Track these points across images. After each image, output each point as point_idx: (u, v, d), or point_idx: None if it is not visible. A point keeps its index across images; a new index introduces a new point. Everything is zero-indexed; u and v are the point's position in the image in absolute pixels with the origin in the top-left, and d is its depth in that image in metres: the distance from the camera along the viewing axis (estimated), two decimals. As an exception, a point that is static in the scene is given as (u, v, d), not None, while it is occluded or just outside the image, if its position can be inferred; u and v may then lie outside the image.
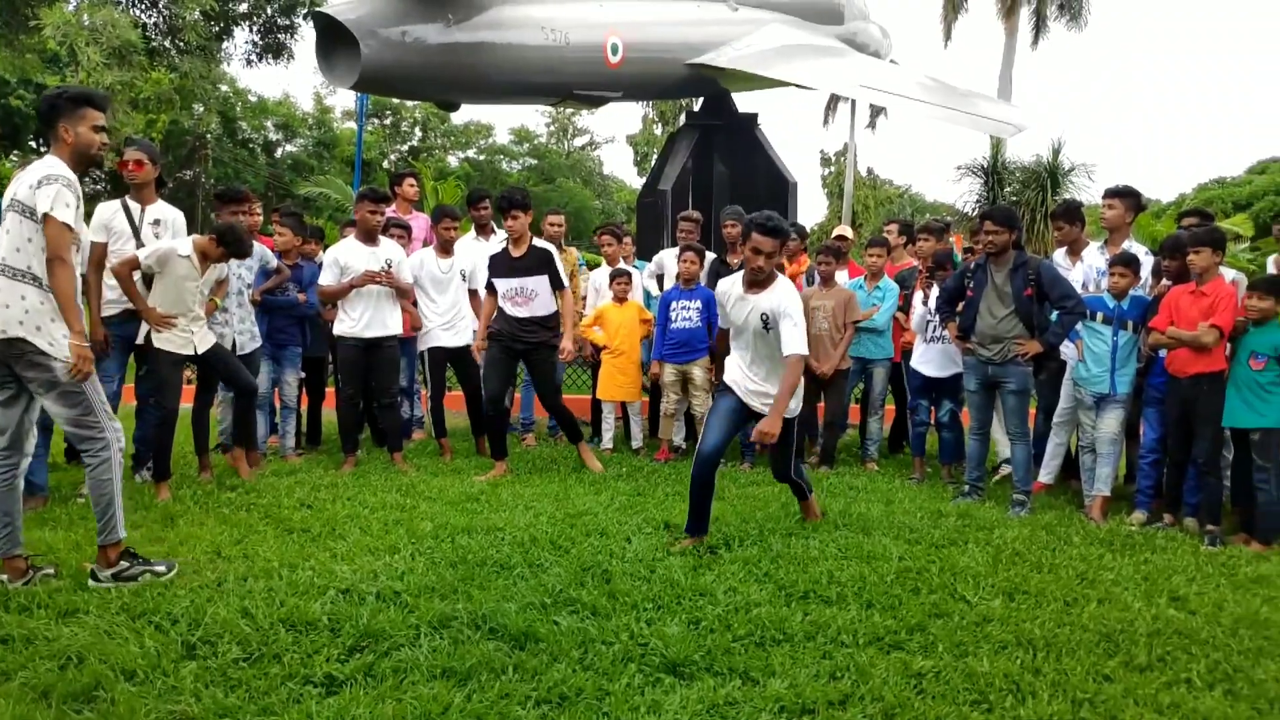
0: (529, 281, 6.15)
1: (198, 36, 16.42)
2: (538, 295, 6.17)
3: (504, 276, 6.21)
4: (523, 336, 6.22)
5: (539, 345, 6.25)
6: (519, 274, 6.15)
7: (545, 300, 6.21)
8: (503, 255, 6.27)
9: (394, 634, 3.31)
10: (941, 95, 11.39)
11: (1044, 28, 24.51)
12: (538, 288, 6.16)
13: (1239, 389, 5.16)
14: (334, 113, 33.11)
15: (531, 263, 6.16)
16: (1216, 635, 3.64)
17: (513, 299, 6.19)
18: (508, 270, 6.19)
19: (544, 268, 6.17)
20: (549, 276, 6.18)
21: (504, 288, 6.22)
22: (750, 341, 4.72)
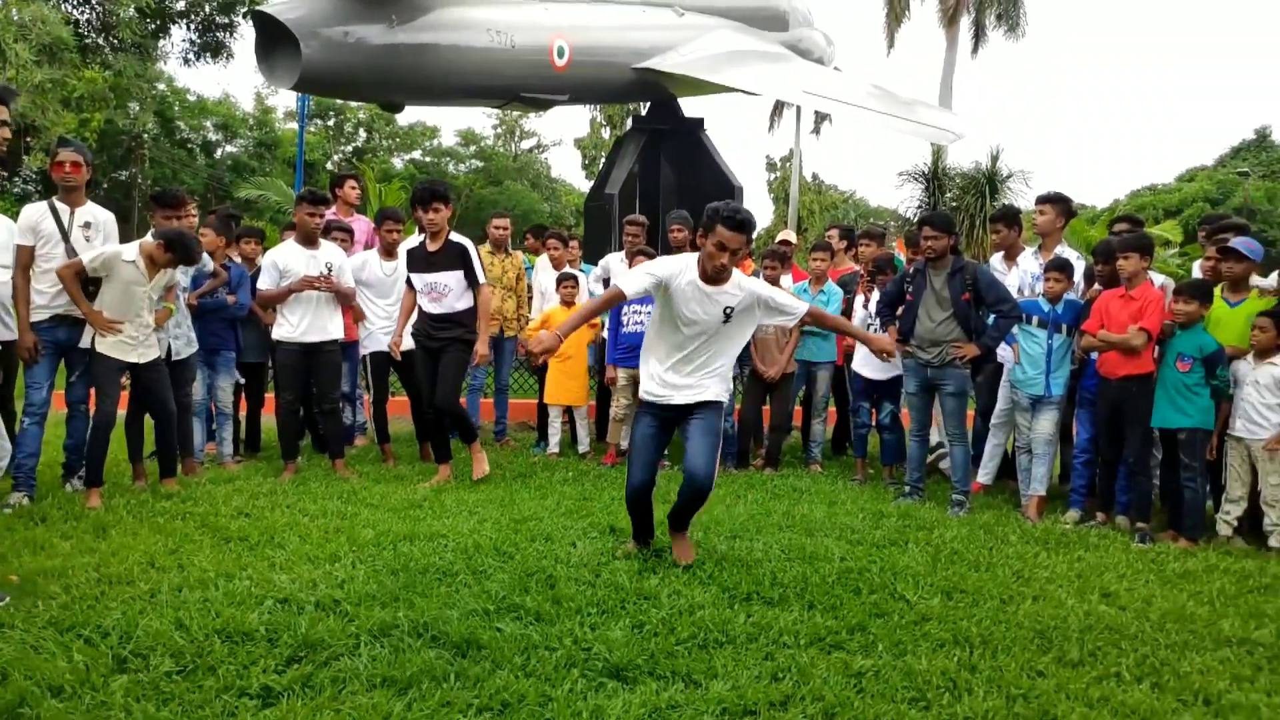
0: (443, 277, 5.95)
1: (132, 34, 16.04)
2: (451, 291, 5.96)
3: (420, 272, 6.01)
4: (436, 334, 6.03)
5: (452, 341, 6.02)
6: (434, 269, 5.95)
7: (459, 297, 6.00)
8: (419, 250, 6.05)
9: (333, 643, 3.26)
10: (884, 102, 11.58)
11: (983, 37, 25.05)
12: (451, 283, 5.96)
13: (1166, 390, 5.32)
14: (276, 113, 32.57)
15: (447, 258, 5.94)
16: (1145, 630, 3.75)
17: (428, 294, 6.00)
18: (424, 265, 5.99)
19: (459, 263, 5.95)
20: (464, 272, 5.96)
21: (420, 283, 6.03)
22: (690, 338, 4.21)
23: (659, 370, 4.32)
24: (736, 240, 4.03)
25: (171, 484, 5.62)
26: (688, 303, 4.15)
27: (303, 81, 8.45)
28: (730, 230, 4.00)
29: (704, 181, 12.23)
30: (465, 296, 6.02)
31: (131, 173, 27.49)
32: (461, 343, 6.03)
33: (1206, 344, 5.24)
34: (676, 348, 4.26)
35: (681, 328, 4.20)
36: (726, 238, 4.02)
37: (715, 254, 4.05)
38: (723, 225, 4.01)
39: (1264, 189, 36.10)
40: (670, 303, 4.18)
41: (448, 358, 6.02)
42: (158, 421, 5.67)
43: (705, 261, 4.08)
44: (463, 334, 6.02)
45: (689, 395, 4.29)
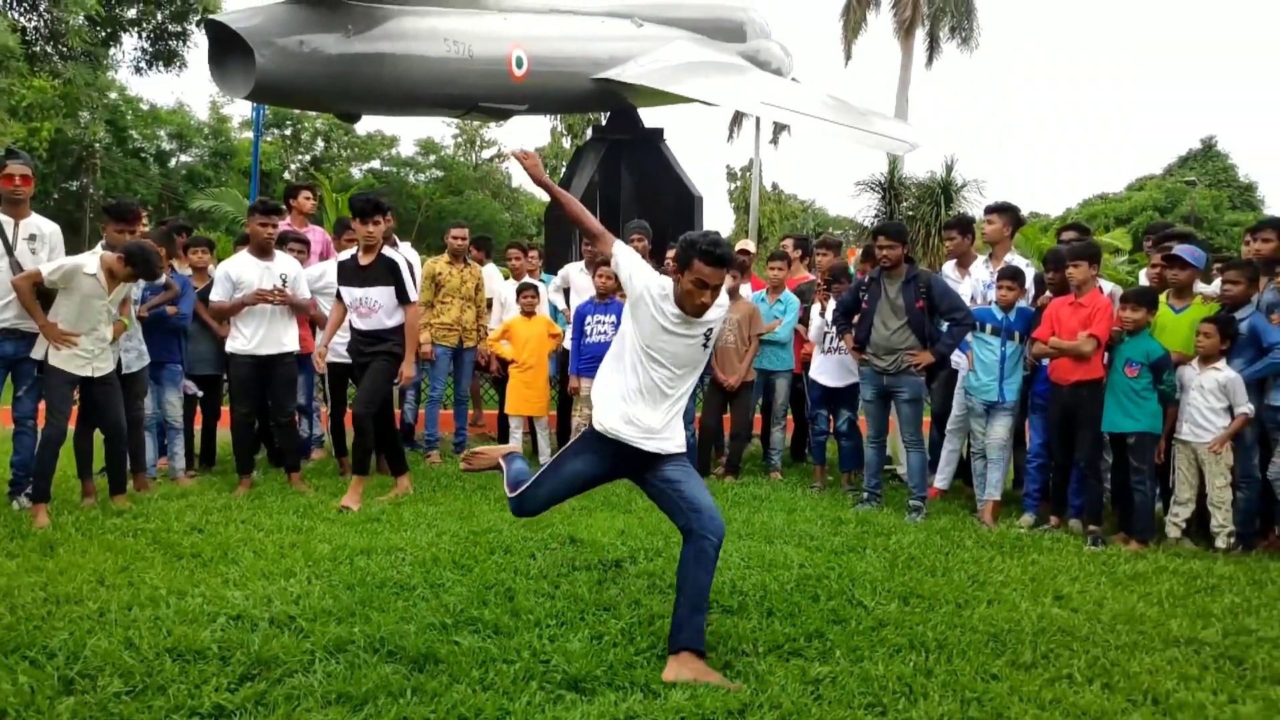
0: (373, 292, 5.77)
1: (82, 42, 15.75)
2: (381, 307, 5.78)
3: (351, 286, 5.84)
4: (365, 350, 5.86)
5: (377, 354, 5.84)
6: (365, 284, 5.78)
7: (389, 313, 5.81)
8: (351, 263, 5.86)
9: (287, 660, 3.21)
10: (841, 113, 11.72)
11: (938, 49, 25.46)
12: (381, 299, 5.77)
13: (1115, 395, 5.44)
14: (232, 122, 32.16)
15: (377, 273, 5.76)
16: (1096, 631, 3.82)
17: (357, 309, 5.82)
18: (355, 279, 5.82)
19: (389, 278, 5.77)
20: (394, 288, 5.78)
21: (350, 298, 5.85)
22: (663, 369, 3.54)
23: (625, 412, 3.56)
24: (718, 277, 3.37)
25: (122, 500, 5.51)
26: (666, 335, 3.48)
27: (257, 91, 8.35)
28: (710, 266, 3.32)
29: (664, 191, 12.29)
30: (396, 314, 5.84)
31: (83, 183, 27.00)
32: (388, 356, 5.85)
33: (1153, 350, 5.36)
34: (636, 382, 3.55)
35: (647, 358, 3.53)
36: (707, 274, 3.34)
37: (695, 292, 3.37)
38: (701, 260, 3.32)
39: (1210, 197, 37.04)
40: (640, 323, 3.52)
41: (374, 367, 5.85)
42: (109, 437, 5.56)
43: (684, 300, 3.41)
44: (390, 349, 5.85)
45: (658, 443, 3.58)
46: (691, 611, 3.31)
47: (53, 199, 23.47)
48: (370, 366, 5.86)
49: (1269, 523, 5.49)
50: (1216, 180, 39.49)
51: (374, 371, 5.85)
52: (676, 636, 3.29)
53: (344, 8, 8.59)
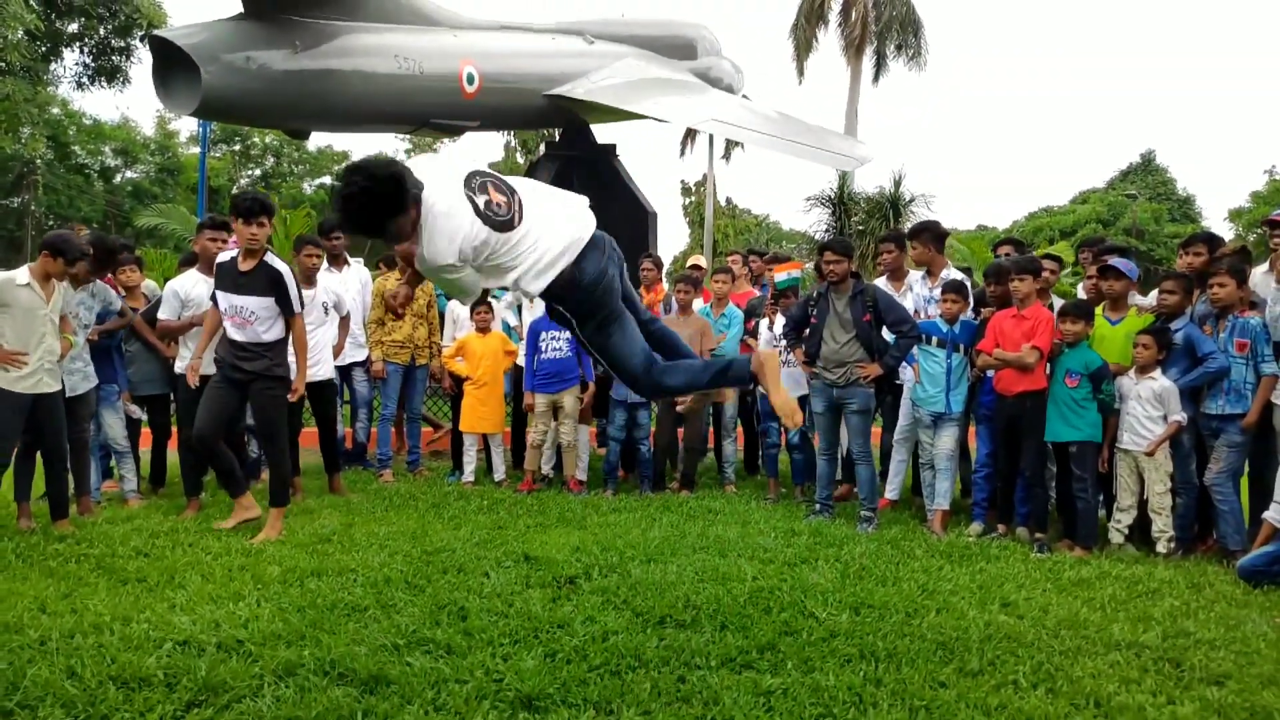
0: (250, 302, 5.32)
1: (21, 57, 15.42)
2: (258, 319, 5.36)
3: (227, 291, 5.38)
4: (240, 364, 5.37)
5: (257, 375, 5.39)
6: (242, 291, 5.33)
7: (266, 326, 5.39)
8: (229, 265, 5.41)
9: (236, 685, 3.17)
10: (791, 129, 11.86)
11: (884, 67, 25.93)
12: (259, 310, 5.35)
13: (1057, 406, 5.57)
14: (179, 138, 31.66)
15: (259, 281, 5.33)
16: (1041, 637, 3.90)
17: (232, 318, 5.36)
18: (232, 285, 5.36)
19: (270, 289, 5.34)
20: (275, 299, 5.37)
21: (225, 304, 5.38)
22: None
23: None
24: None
25: (65, 525, 5.38)
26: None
27: (203, 108, 8.24)
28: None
29: (618, 207, 12.32)
30: (275, 327, 5.43)
31: (24, 200, 26.38)
32: (269, 378, 5.42)
33: (1092, 360, 5.50)
34: None
35: None
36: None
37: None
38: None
39: (1150, 210, 38.09)
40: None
41: (258, 397, 5.45)
42: (49, 460, 5.43)
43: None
44: (268, 366, 5.41)
45: None
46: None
47: (-9, 217, 22.91)
48: (254, 399, 5.48)
49: (1206, 528, 5.65)
50: (1156, 193, 40.65)
51: (261, 402, 5.47)
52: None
53: (292, 24, 8.52)
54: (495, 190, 3.31)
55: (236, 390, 5.45)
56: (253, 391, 5.44)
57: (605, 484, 7.04)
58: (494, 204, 3.26)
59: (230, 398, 5.45)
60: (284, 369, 5.51)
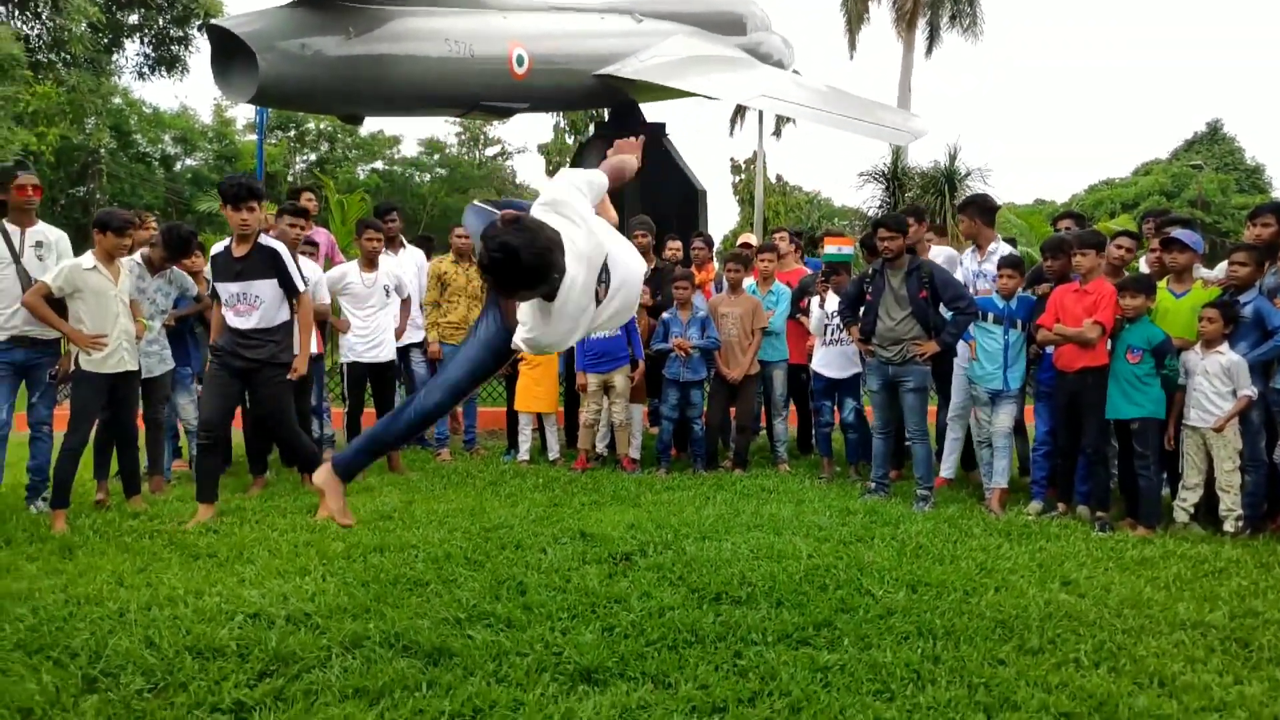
0: (254, 286, 5.25)
1: (85, 49, 15.83)
2: (263, 303, 5.28)
3: (226, 280, 5.31)
4: (243, 352, 5.28)
5: (263, 364, 5.30)
6: (243, 277, 5.26)
7: (272, 309, 5.32)
8: (224, 255, 5.32)
9: (304, 656, 3.28)
10: (842, 104, 11.70)
11: (938, 38, 25.40)
12: (264, 294, 5.27)
13: (1119, 382, 5.46)
14: (235, 125, 32.22)
15: (256, 264, 5.25)
16: (1103, 616, 3.85)
17: (235, 307, 5.28)
18: (231, 273, 5.29)
19: (270, 269, 5.25)
20: (278, 280, 5.30)
21: (226, 294, 5.32)
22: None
23: None
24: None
25: (138, 502, 5.58)
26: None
27: (260, 95, 8.39)
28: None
29: (667, 186, 12.30)
30: (282, 309, 5.36)
31: (89, 189, 27.11)
32: (274, 365, 5.34)
33: (1154, 335, 5.38)
34: None
35: None
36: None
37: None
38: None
39: (1217, 181, 36.88)
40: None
41: (263, 387, 5.37)
42: (122, 439, 5.61)
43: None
44: (276, 353, 5.34)
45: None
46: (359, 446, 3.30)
47: (59, 205, 23.58)
48: (259, 389, 5.41)
49: (1276, 506, 5.51)
50: (1223, 164, 39.30)
51: (267, 392, 5.37)
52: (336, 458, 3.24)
53: (345, 10, 8.62)
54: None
55: (237, 379, 5.38)
56: (257, 380, 5.36)
57: (658, 463, 7.08)
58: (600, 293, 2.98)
59: (232, 386, 5.37)
60: (289, 355, 5.43)
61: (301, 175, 30.37)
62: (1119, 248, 5.96)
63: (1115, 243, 6.00)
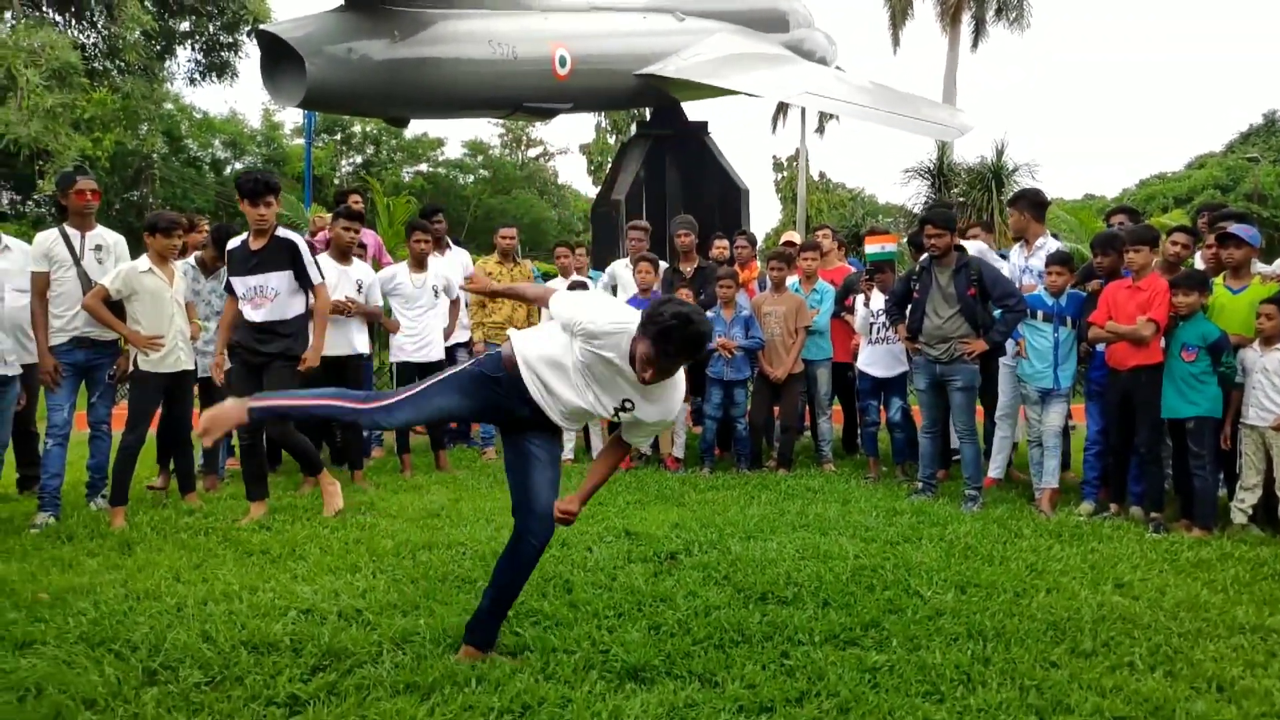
0: (270, 279, 5.25)
1: (139, 57, 16.21)
2: (278, 294, 5.26)
3: (242, 275, 5.30)
4: (259, 346, 5.28)
5: (275, 356, 5.27)
6: (259, 270, 5.25)
7: (287, 300, 5.30)
8: (241, 250, 5.34)
9: (356, 652, 3.33)
10: (886, 100, 11.60)
11: (983, 32, 25.04)
12: (279, 286, 5.26)
13: (1173, 381, 5.35)
14: (283, 129, 32.76)
15: (272, 256, 5.23)
16: (1158, 619, 3.78)
17: (251, 300, 5.28)
18: (247, 267, 5.28)
19: (287, 262, 5.24)
20: (294, 272, 5.28)
21: (242, 288, 5.31)
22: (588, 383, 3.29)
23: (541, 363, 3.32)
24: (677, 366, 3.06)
25: (193, 499, 5.70)
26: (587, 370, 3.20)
27: (308, 99, 8.54)
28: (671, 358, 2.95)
29: (710, 185, 12.29)
30: (297, 300, 5.34)
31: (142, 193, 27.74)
32: (286, 357, 5.28)
33: (1209, 332, 5.26)
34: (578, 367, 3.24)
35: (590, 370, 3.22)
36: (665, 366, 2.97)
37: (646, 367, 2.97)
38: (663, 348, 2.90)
39: (1274, 174, 35.88)
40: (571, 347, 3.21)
41: (273, 379, 5.24)
42: (176, 438, 5.74)
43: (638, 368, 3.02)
44: (289, 346, 5.30)
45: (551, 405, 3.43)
46: (492, 611, 3.33)
47: (114, 209, 24.17)
48: (268, 376, 5.27)
49: (1339, 507, 5.36)
50: (1280, 156, 38.25)
51: (277, 383, 5.20)
52: (472, 632, 3.33)
53: (390, 14, 8.75)
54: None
55: (255, 375, 5.34)
56: (269, 371, 5.30)
57: (702, 462, 7.07)
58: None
59: (252, 384, 5.28)
60: (302, 348, 5.38)
61: (347, 178, 30.80)
62: (1174, 244, 5.83)
63: (1171, 239, 5.87)
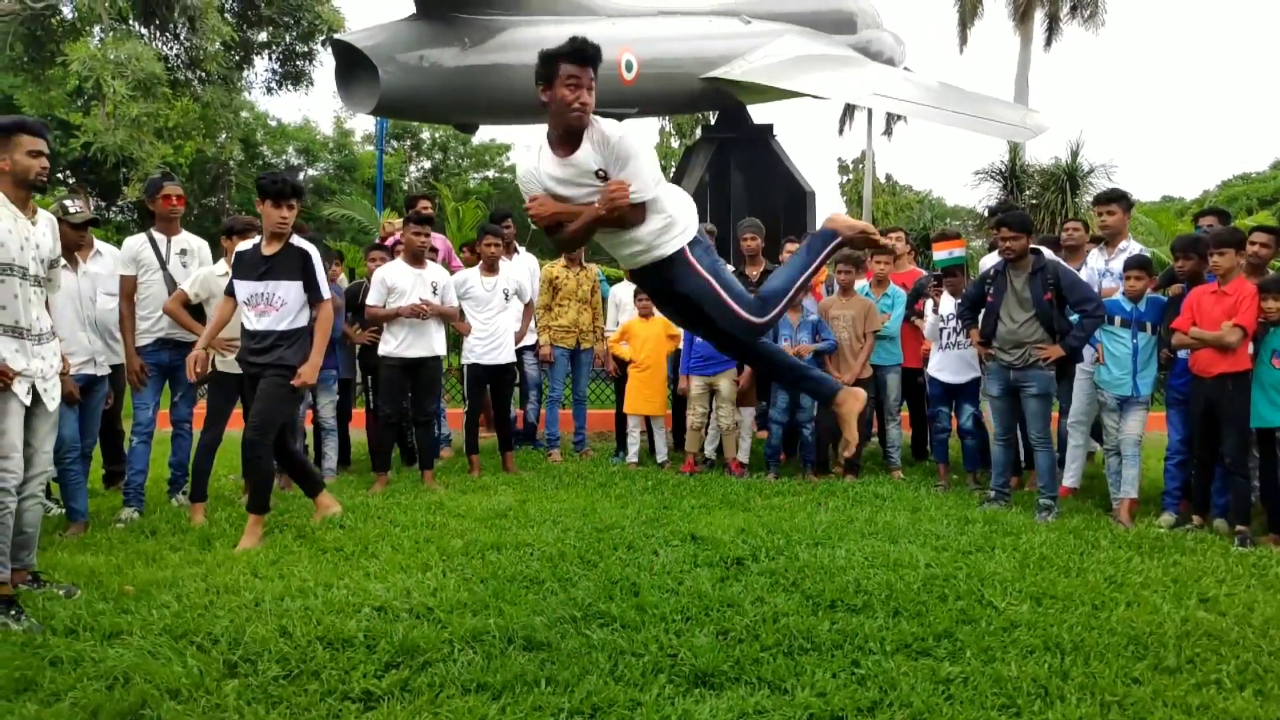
0: (280, 287, 5.01)
1: (219, 67, 16.73)
2: (285, 304, 5.02)
3: (250, 279, 5.04)
4: (253, 357, 5.03)
5: (269, 365, 5.00)
6: (269, 276, 5.01)
7: (293, 312, 5.05)
8: (252, 253, 5.10)
9: (428, 649, 3.38)
10: (956, 101, 11.42)
11: (1057, 30, 24.44)
12: (287, 296, 5.02)
13: (1263, 389, 5.15)
14: (354, 136, 33.48)
15: (286, 264, 5.01)
16: (1246, 636, 3.64)
17: (255, 306, 5.03)
18: (256, 271, 5.03)
19: (299, 272, 5.02)
20: (304, 283, 5.05)
21: (246, 292, 5.05)
22: None
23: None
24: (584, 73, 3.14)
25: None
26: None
27: (381, 106, 8.73)
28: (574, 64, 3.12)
29: (775, 188, 12.23)
30: (303, 313, 5.09)
31: (220, 199, 28.60)
32: (281, 366, 5.00)
33: (1303, 339, 5.06)
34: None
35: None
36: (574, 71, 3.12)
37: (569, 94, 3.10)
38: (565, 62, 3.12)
39: (1366, 174, 34.35)
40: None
41: (261, 390, 5.03)
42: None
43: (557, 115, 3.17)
44: (281, 357, 5.00)
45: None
46: None
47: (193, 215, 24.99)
48: (261, 386, 5.03)
49: None
50: (1374, 154, 36.58)
51: (266, 393, 5.00)
52: None
53: (460, 22, 8.90)
54: None
55: (240, 382, 5.19)
56: (261, 381, 5.05)
57: (767, 467, 7.03)
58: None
59: (235, 392, 5.17)
60: (297, 359, 5.07)
61: (416, 183, 31.34)
62: (1254, 243, 5.62)
63: (1251, 238, 5.65)
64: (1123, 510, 5.63)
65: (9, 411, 3.75)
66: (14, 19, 15.06)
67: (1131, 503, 5.66)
